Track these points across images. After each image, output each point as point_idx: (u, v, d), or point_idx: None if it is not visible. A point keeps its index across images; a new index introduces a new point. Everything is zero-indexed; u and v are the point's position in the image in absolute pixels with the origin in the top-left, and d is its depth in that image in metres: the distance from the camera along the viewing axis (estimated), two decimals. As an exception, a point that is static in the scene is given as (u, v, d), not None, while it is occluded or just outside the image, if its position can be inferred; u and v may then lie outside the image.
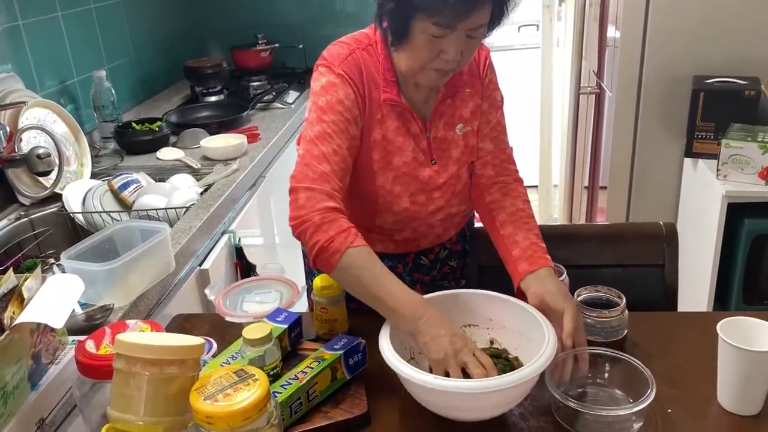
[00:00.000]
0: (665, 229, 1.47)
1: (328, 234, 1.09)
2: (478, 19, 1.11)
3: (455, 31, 1.11)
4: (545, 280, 1.16)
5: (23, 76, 1.96)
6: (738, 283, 2.03)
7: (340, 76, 1.21)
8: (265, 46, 3.07)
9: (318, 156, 1.16)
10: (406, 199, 1.30)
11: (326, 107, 1.20)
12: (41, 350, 1.02)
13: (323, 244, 1.09)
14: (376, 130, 1.25)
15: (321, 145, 1.17)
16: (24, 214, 1.78)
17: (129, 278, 1.30)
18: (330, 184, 1.14)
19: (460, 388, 0.96)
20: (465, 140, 1.33)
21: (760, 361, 0.98)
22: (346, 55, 1.24)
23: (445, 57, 1.14)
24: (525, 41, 4.14)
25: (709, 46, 2.18)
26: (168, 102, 2.80)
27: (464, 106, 1.32)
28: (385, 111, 1.25)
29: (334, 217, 1.11)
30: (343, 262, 1.09)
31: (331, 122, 1.19)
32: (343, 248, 1.08)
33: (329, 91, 1.21)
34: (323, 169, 1.15)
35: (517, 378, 0.95)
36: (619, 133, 2.38)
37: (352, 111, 1.21)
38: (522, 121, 3.98)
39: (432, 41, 1.13)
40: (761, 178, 1.95)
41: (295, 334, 1.18)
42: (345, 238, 1.09)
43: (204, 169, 2.07)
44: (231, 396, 0.80)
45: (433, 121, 1.30)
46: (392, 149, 1.27)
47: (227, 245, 1.82)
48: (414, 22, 1.12)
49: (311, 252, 1.11)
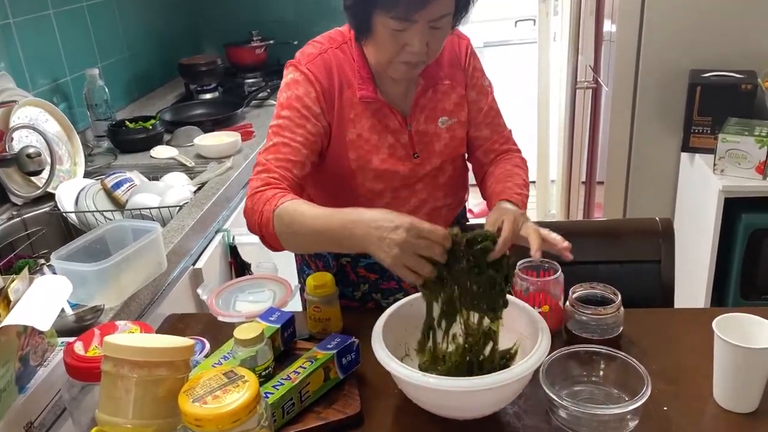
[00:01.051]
0: (661, 225, 1.46)
1: (257, 211, 1.12)
2: (438, 10, 1.10)
3: (416, 23, 1.11)
4: (499, 208, 1.18)
5: (15, 74, 1.95)
6: (735, 279, 2.02)
7: (304, 74, 1.23)
8: (259, 42, 3.05)
9: (269, 148, 1.21)
10: (388, 195, 1.30)
11: (285, 103, 1.23)
12: (29, 352, 1.01)
13: (257, 221, 1.12)
14: (351, 130, 1.25)
15: (274, 137, 1.21)
16: (16, 213, 1.77)
17: (120, 278, 1.29)
18: (270, 174, 1.17)
19: (452, 387, 0.95)
20: (450, 133, 1.32)
21: (756, 358, 0.97)
22: (315, 55, 1.25)
23: (410, 50, 1.14)
24: (521, 36, 4.13)
25: (705, 40, 2.17)
26: (162, 100, 2.79)
27: (446, 98, 1.31)
28: (358, 109, 1.25)
29: (259, 195, 1.13)
30: (278, 229, 1.10)
31: (286, 117, 1.22)
32: (270, 214, 1.10)
33: (291, 87, 1.24)
34: (265, 160, 1.19)
35: (508, 377, 0.94)
36: (615, 128, 2.37)
37: (311, 109, 1.22)
38: (519, 117, 3.94)
39: (394, 35, 1.13)
40: (758, 173, 1.94)
41: (288, 334, 1.17)
42: (269, 204, 1.11)
43: (198, 168, 2.05)
44: (220, 398, 0.79)
45: (413, 115, 1.29)
46: (369, 148, 1.27)
47: (221, 244, 1.81)
48: (374, 17, 1.13)
49: (260, 237, 1.14)
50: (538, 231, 1.10)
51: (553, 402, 0.99)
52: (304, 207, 1.09)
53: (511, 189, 1.25)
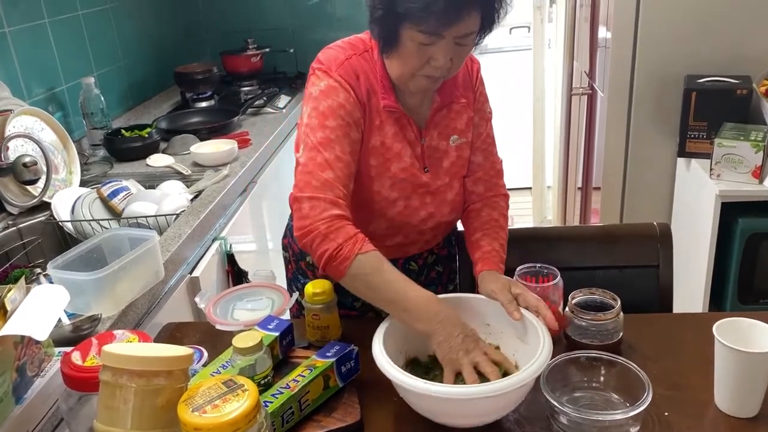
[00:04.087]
0: (659, 230, 1.46)
1: (336, 242, 1.09)
2: (466, 27, 1.11)
3: (443, 38, 1.11)
4: (485, 279, 1.20)
5: (10, 83, 1.94)
6: (733, 283, 2.03)
7: (338, 81, 1.20)
8: (255, 50, 3.06)
9: (321, 163, 1.15)
10: (401, 203, 1.29)
11: (328, 112, 1.18)
12: (26, 363, 1.00)
13: (332, 252, 1.09)
14: (375, 137, 1.25)
15: (324, 151, 1.16)
16: (12, 223, 1.76)
17: (117, 287, 1.28)
18: (334, 192, 1.14)
19: (454, 394, 0.95)
20: (458, 152, 1.33)
21: (757, 363, 0.97)
22: (342, 60, 1.23)
23: (434, 64, 1.15)
24: (516, 43, 4.14)
25: (700, 46, 2.18)
26: (158, 108, 2.78)
27: (459, 118, 1.32)
28: (383, 117, 1.25)
29: (341, 225, 1.11)
30: (353, 269, 1.09)
31: (333, 128, 1.18)
32: (352, 255, 1.08)
33: (330, 95, 1.19)
34: (327, 177, 1.14)
35: (510, 384, 0.93)
36: (611, 133, 2.38)
37: (353, 115, 1.20)
38: (515, 124, 3.98)
39: (421, 48, 1.13)
40: (755, 177, 1.94)
41: (287, 342, 1.17)
42: (353, 244, 1.09)
43: (194, 176, 2.05)
44: (219, 407, 0.79)
45: (428, 130, 1.30)
46: (390, 156, 1.26)
47: (218, 252, 1.80)
48: (402, 30, 1.13)
49: (320, 261, 1.11)
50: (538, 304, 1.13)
51: (554, 408, 0.98)
52: (386, 266, 1.11)
53: (499, 253, 1.27)
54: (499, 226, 1.33)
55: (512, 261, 1.29)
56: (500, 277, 1.19)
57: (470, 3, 1.09)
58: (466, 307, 1.16)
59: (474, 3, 1.10)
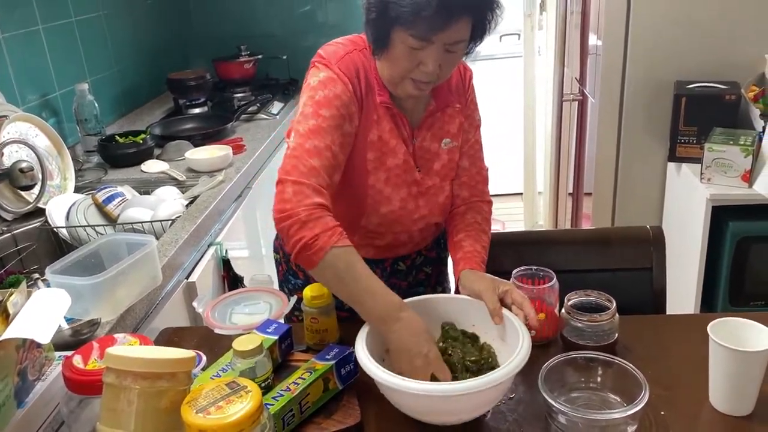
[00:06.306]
0: (652, 233, 1.48)
1: (313, 231, 1.09)
2: (456, 34, 1.13)
3: (433, 44, 1.13)
4: (469, 278, 1.21)
5: (4, 90, 1.94)
6: (724, 286, 2.05)
7: (337, 73, 1.22)
8: (248, 57, 3.06)
9: (309, 150, 1.16)
10: (395, 202, 1.31)
11: (323, 101, 1.19)
12: (27, 367, 1.00)
13: (307, 240, 1.08)
14: (373, 131, 1.26)
15: (314, 139, 1.16)
16: (6, 229, 1.75)
17: (116, 292, 1.28)
18: (318, 180, 1.14)
19: (432, 391, 0.96)
20: (449, 155, 1.35)
21: (751, 361, 0.98)
22: (342, 55, 1.24)
23: (423, 69, 1.16)
24: (507, 50, 4.18)
25: (689, 52, 2.21)
26: (151, 114, 2.78)
27: (452, 121, 1.34)
28: (380, 112, 1.26)
29: (321, 215, 1.11)
30: (326, 261, 1.09)
31: (327, 117, 1.18)
32: (328, 247, 1.08)
33: (327, 85, 1.21)
34: (313, 164, 1.15)
35: (486, 382, 0.95)
36: (602, 139, 2.40)
37: (349, 108, 1.21)
38: (506, 130, 4.01)
39: (411, 52, 1.15)
40: (744, 181, 1.97)
41: (286, 345, 1.17)
42: (330, 236, 1.09)
43: (189, 181, 2.05)
44: (223, 408, 0.79)
45: (420, 131, 1.31)
46: (387, 150, 1.28)
47: (214, 257, 1.81)
48: (394, 33, 1.14)
49: (294, 247, 1.10)
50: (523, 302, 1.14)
51: (552, 408, 0.99)
52: (360, 265, 1.11)
53: (481, 255, 1.28)
54: (481, 229, 1.34)
55: (506, 264, 1.30)
56: (485, 277, 1.19)
57: (460, 10, 1.11)
58: (450, 308, 1.18)
59: (464, 10, 1.11)
